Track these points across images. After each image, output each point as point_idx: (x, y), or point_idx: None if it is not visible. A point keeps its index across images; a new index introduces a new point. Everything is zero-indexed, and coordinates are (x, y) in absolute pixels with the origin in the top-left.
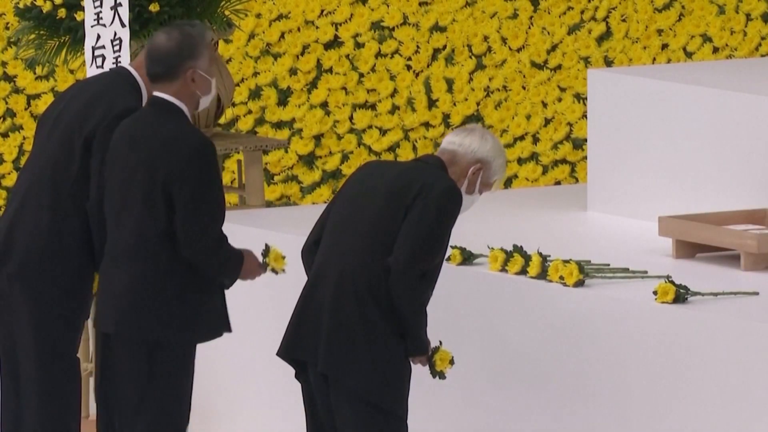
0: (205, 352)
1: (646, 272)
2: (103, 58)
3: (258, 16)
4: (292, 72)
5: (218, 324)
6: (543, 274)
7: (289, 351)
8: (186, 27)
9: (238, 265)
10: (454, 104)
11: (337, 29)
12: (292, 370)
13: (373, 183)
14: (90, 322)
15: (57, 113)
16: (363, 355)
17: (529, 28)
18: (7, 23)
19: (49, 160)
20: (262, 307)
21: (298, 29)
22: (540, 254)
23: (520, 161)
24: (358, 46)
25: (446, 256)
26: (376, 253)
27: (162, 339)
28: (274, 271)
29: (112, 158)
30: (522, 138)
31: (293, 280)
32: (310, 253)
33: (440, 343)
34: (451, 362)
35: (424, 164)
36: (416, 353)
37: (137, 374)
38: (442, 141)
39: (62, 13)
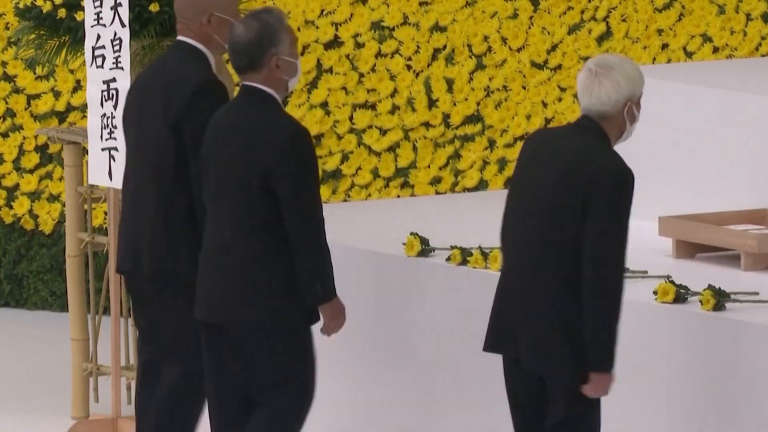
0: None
1: (646, 272)
2: (103, 58)
3: None
4: None
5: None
6: None
7: (494, 347)
8: (263, 15)
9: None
10: (454, 104)
11: (337, 29)
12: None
13: (544, 170)
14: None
15: (138, 105)
16: (565, 348)
17: (529, 28)
18: (7, 23)
19: (146, 154)
20: None
21: (298, 29)
22: None
23: None
24: (358, 46)
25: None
26: (554, 246)
27: (273, 325)
28: None
29: (207, 150)
30: (522, 138)
31: None
32: (501, 239)
33: None
34: None
35: (586, 133)
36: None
37: (260, 360)
38: (581, 104)
39: (62, 13)
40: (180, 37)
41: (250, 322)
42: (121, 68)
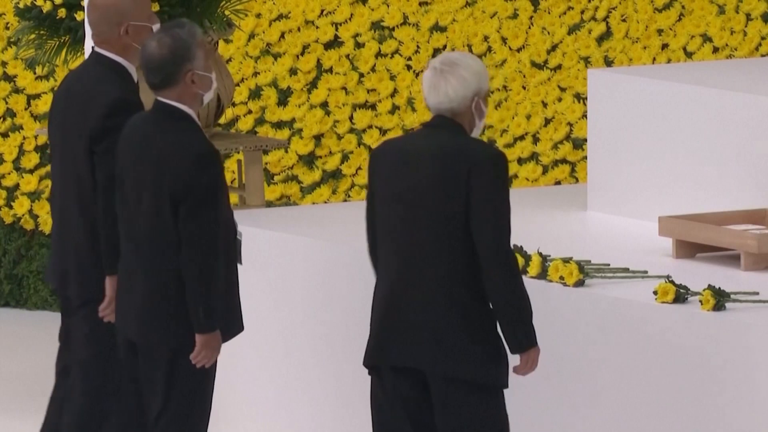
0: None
1: (646, 272)
2: None
3: (258, 16)
4: (292, 72)
5: (232, 324)
6: (543, 274)
7: (380, 357)
8: (175, 30)
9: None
10: None
11: (337, 29)
12: (295, 369)
13: (415, 173)
14: None
15: (59, 122)
16: (475, 345)
17: (529, 28)
18: (7, 23)
19: (69, 173)
20: (268, 307)
21: (298, 29)
22: (540, 254)
23: (520, 161)
24: (358, 46)
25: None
26: (444, 242)
27: (182, 345)
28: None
29: (122, 168)
30: (522, 138)
31: (297, 279)
32: (373, 254)
33: None
34: None
35: (445, 130)
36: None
37: (160, 380)
38: (430, 104)
39: (62, 13)
40: (97, 49)
41: (157, 343)
42: None
